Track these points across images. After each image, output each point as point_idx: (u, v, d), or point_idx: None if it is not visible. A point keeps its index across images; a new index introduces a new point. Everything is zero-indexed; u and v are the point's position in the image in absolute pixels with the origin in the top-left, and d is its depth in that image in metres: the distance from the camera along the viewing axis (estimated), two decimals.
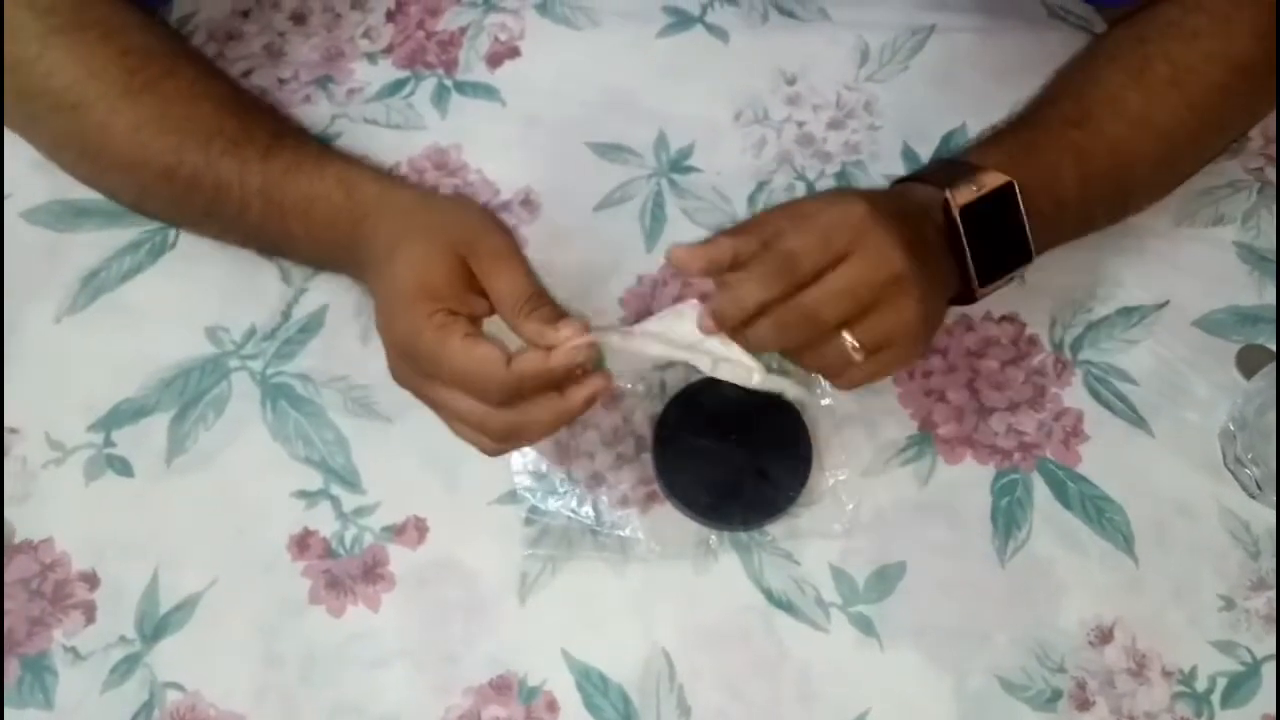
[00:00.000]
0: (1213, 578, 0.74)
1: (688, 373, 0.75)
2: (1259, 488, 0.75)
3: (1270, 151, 0.85)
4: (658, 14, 0.89)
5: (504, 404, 0.64)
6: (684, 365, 0.67)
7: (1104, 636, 0.72)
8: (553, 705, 0.71)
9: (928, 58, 0.88)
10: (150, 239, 0.81)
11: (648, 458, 0.76)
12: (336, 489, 0.75)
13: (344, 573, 0.73)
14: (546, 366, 0.63)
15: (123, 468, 0.76)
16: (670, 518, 0.75)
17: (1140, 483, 0.76)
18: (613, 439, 0.77)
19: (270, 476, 0.76)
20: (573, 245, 0.80)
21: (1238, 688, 0.72)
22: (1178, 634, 0.73)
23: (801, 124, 0.86)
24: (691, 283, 0.79)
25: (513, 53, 0.88)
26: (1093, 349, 0.79)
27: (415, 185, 0.82)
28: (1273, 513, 0.75)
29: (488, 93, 0.87)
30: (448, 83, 0.87)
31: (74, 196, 0.81)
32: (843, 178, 0.84)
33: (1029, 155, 0.73)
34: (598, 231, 0.82)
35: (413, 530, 0.74)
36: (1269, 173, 0.84)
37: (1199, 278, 0.81)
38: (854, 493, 0.75)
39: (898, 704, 0.71)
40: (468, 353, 0.63)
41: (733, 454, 0.74)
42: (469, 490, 0.75)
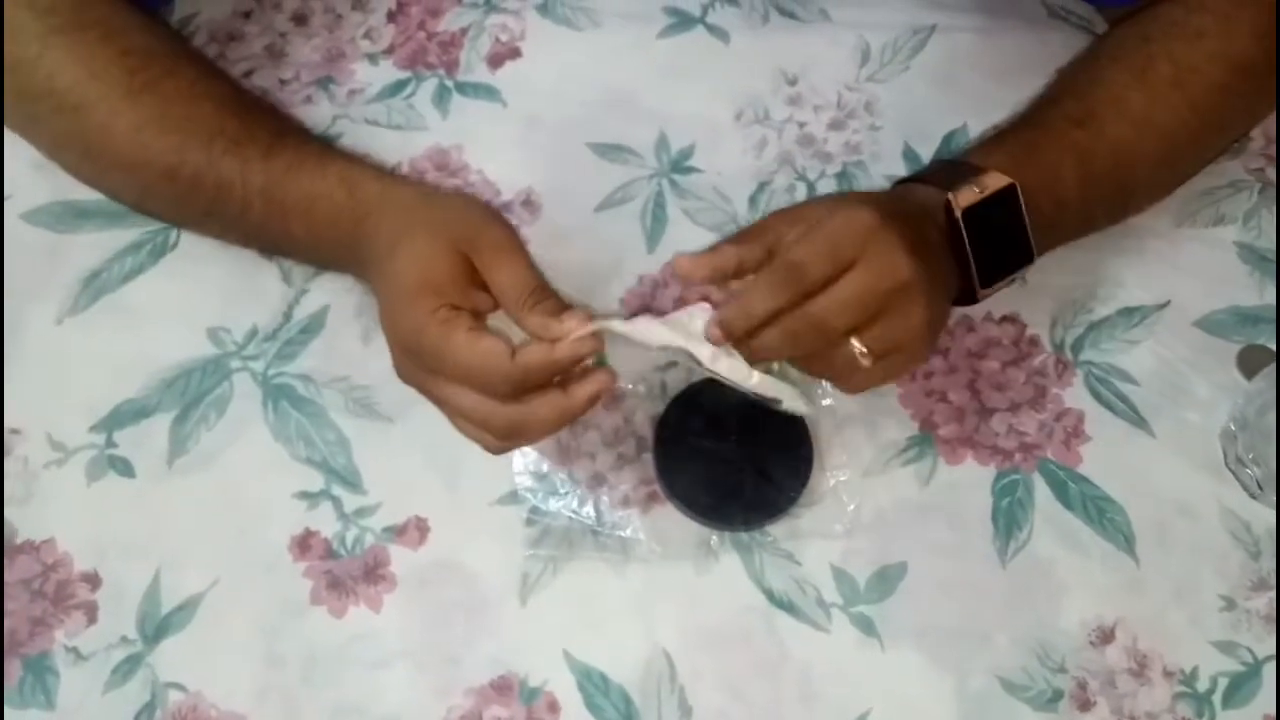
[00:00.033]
0: (1214, 578, 0.74)
1: (689, 374, 0.76)
2: (1260, 488, 0.75)
3: (1271, 152, 0.85)
4: (658, 14, 0.89)
5: (509, 397, 0.64)
6: (685, 366, 0.67)
7: (1105, 637, 0.72)
8: (554, 706, 0.71)
9: (929, 58, 0.88)
10: (151, 240, 0.81)
11: (649, 458, 0.76)
12: (338, 489, 0.75)
13: (345, 573, 0.73)
14: (552, 358, 0.63)
15: (124, 468, 0.76)
16: (671, 518, 0.75)
17: (1141, 483, 0.76)
18: (614, 439, 0.77)
19: (272, 477, 0.76)
20: (574, 246, 0.80)
21: (1239, 688, 0.72)
22: (1179, 634, 0.73)
23: (802, 124, 0.86)
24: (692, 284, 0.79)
25: (514, 53, 0.88)
26: (1094, 349, 0.79)
27: (416, 182, 0.82)
28: (1273, 513, 0.75)
29: (489, 93, 0.87)
30: (449, 83, 0.87)
31: (75, 197, 0.81)
32: (844, 178, 0.84)
33: (1030, 155, 0.73)
34: (599, 232, 0.82)
35: (414, 531, 0.74)
36: (1270, 173, 0.84)
37: (1200, 278, 0.81)
38: (855, 493, 0.75)
39: (899, 704, 0.71)
40: (472, 346, 0.63)
41: (734, 454, 0.74)
42: (470, 491, 0.75)
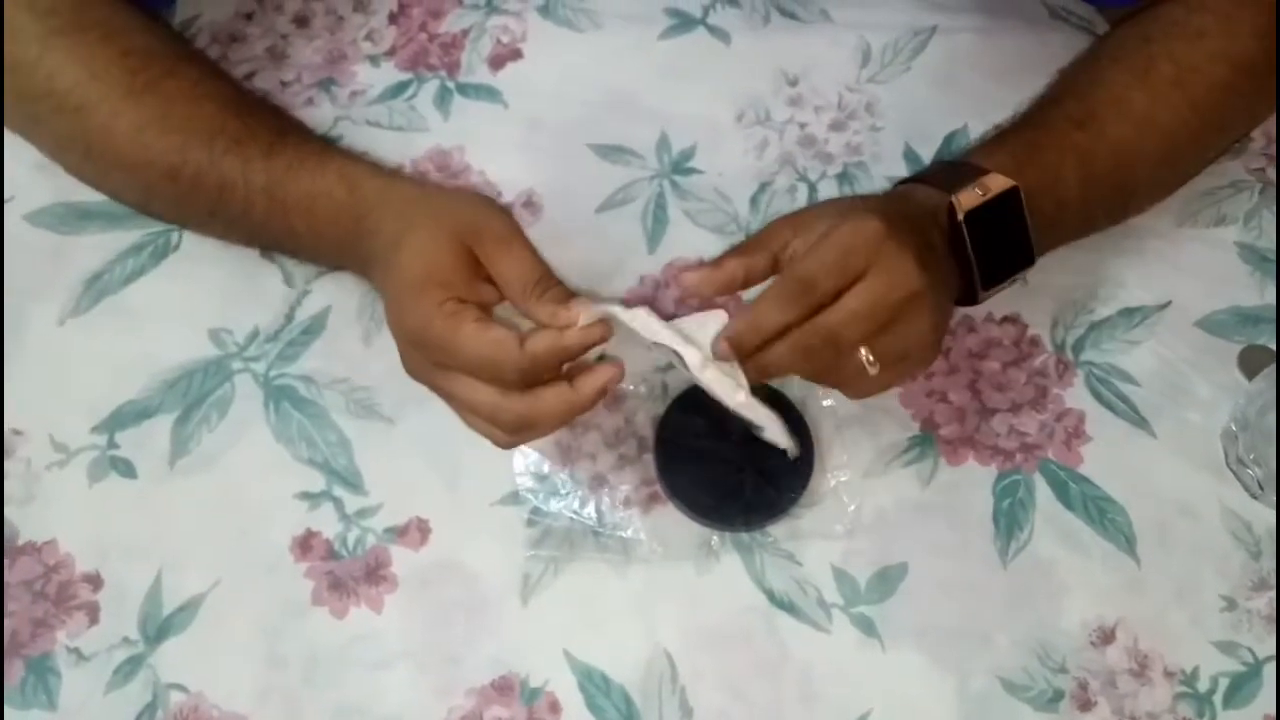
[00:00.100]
0: (1215, 578, 0.74)
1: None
2: (1261, 488, 0.74)
3: (1272, 152, 0.85)
4: (659, 16, 0.89)
5: (519, 386, 0.64)
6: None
7: (1106, 637, 0.72)
8: (555, 706, 0.71)
9: (929, 59, 0.88)
10: (153, 241, 0.81)
11: (650, 459, 0.76)
12: (339, 490, 0.75)
13: (346, 574, 0.74)
14: (561, 345, 0.63)
15: (126, 469, 0.76)
16: (672, 519, 0.75)
17: (1142, 483, 0.76)
18: (615, 440, 0.77)
19: (273, 478, 0.76)
20: (575, 247, 0.80)
21: (1239, 688, 0.72)
22: (1179, 634, 0.73)
23: (803, 125, 0.86)
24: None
25: (515, 55, 0.88)
26: (1094, 350, 0.79)
27: (416, 179, 0.82)
28: (1274, 513, 0.75)
29: (490, 95, 0.87)
30: (450, 85, 0.87)
31: (77, 199, 0.81)
32: (845, 179, 0.84)
33: (1032, 156, 0.73)
34: (600, 233, 0.82)
35: (415, 531, 0.75)
36: (1270, 173, 0.84)
37: (1201, 278, 0.81)
38: (855, 493, 0.75)
39: (900, 705, 0.71)
40: (480, 337, 0.63)
41: (734, 455, 0.74)
42: (471, 491, 0.75)
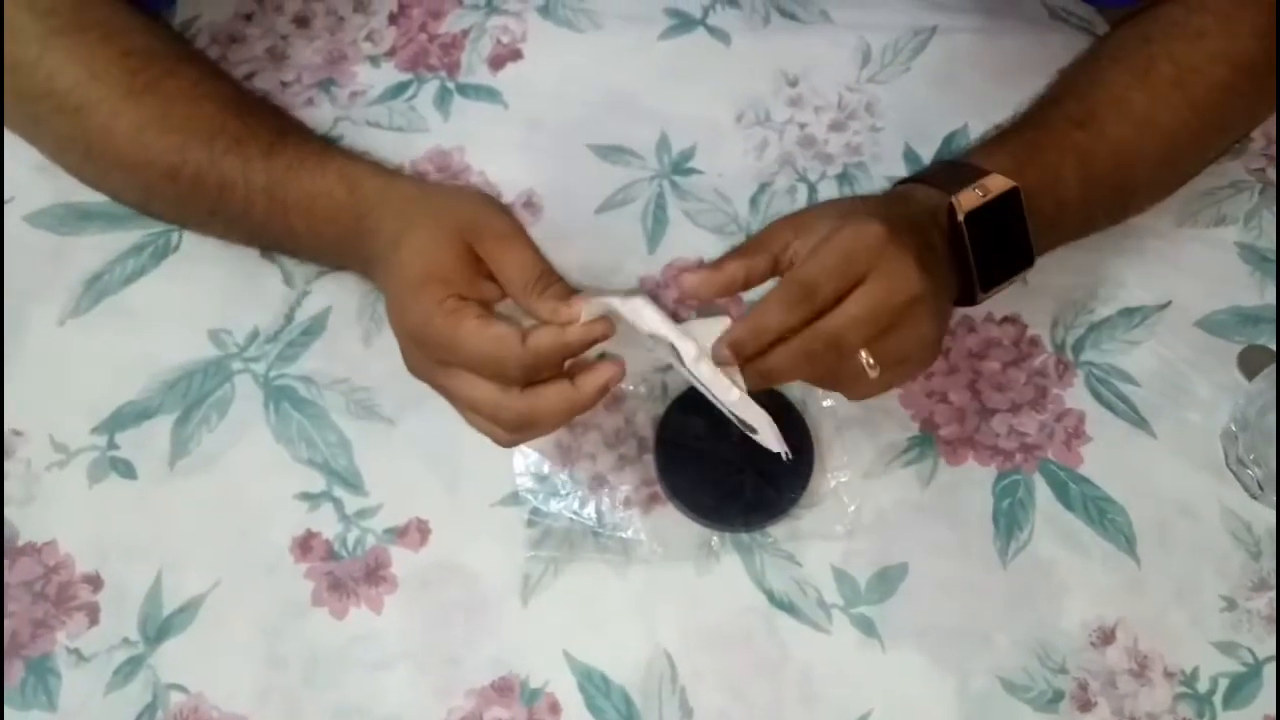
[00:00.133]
0: (1214, 578, 0.74)
1: None
2: (1261, 488, 0.74)
3: (1272, 152, 0.85)
4: (659, 16, 0.89)
5: (521, 383, 0.64)
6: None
7: (1106, 637, 0.72)
8: (555, 707, 0.71)
9: (929, 59, 0.88)
10: (153, 242, 0.81)
11: (650, 459, 0.76)
12: (339, 491, 0.75)
13: (346, 575, 0.74)
14: (563, 341, 0.63)
15: (126, 470, 0.76)
16: (672, 519, 0.75)
17: (1142, 483, 0.76)
18: (615, 440, 0.77)
19: (273, 478, 0.76)
20: (574, 247, 0.80)
21: (1239, 688, 0.72)
22: (1179, 635, 0.73)
23: (803, 125, 0.86)
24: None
25: (515, 55, 0.88)
26: (1094, 350, 0.79)
27: (416, 178, 0.82)
28: (1274, 513, 0.75)
29: (490, 95, 0.87)
30: (450, 85, 0.87)
31: (77, 200, 0.81)
32: (845, 179, 0.84)
33: (1032, 156, 0.73)
34: (600, 233, 0.82)
35: (415, 532, 0.75)
36: (1270, 173, 0.84)
37: (1201, 278, 0.81)
38: (855, 494, 0.75)
39: (900, 705, 0.71)
40: (482, 333, 0.63)
41: (734, 455, 0.74)
42: (471, 492, 0.75)
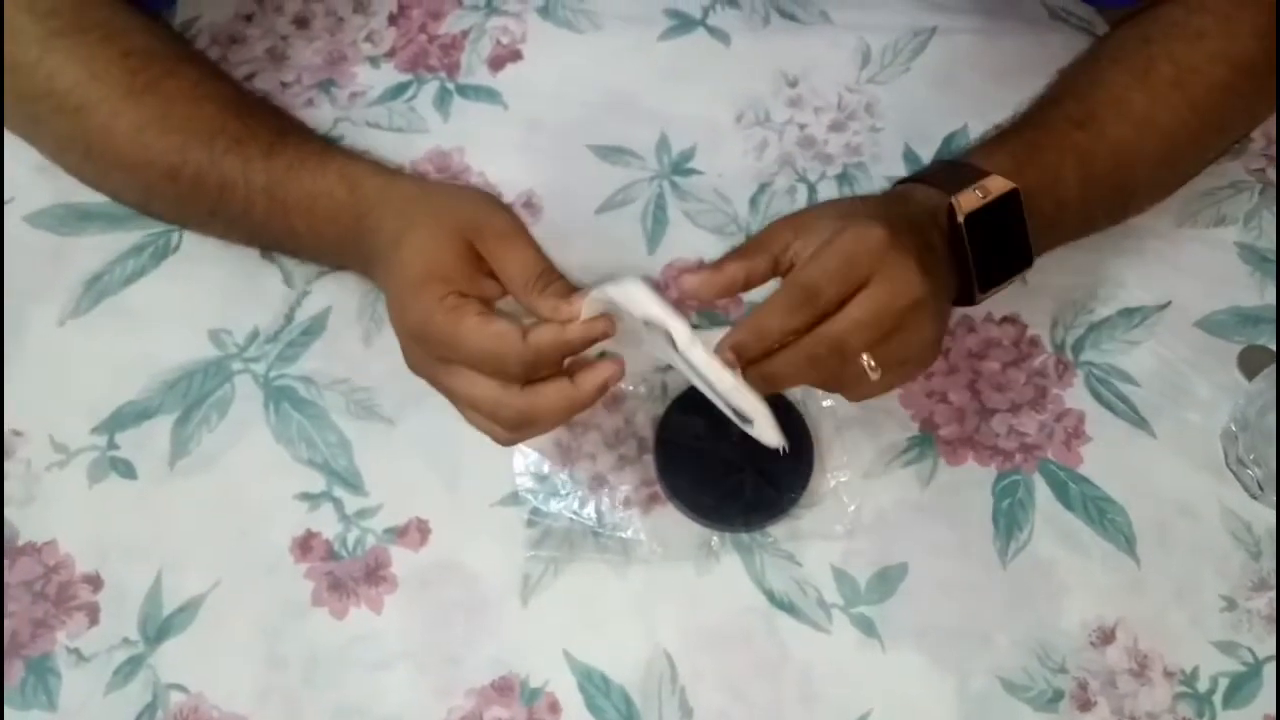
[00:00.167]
0: (1214, 578, 0.74)
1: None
2: (1260, 488, 0.74)
3: (1272, 152, 0.85)
4: (659, 17, 0.89)
5: (521, 380, 0.64)
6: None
7: (1105, 637, 0.72)
8: (554, 707, 0.71)
9: (929, 59, 0.88)
10: (153, 242, 0.81)
11: (649, 459, 0.76)
12: (339, 491, 0.75)
13: (346, 575, 0.74)
14: (564, 338, 0.63)
15: (126, 470, 0.76)
16: (672, 519, 0.75)
17: (1142, 483, 0.76)
18: (615, 440, 0.77)
19: (273, 479, 0.76)
20: (574, 248, 0.80)
21: (1239, 688, 0.71)
22: (1179, 634, 0.73)
23: (803, 126, 0.86)
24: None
25: (515, 56, 0.88)
26: (1094, 350, 0.79)
27: (417, 177, 0.82)
28: (1274, 513, 0.75)
29: (490, 96, 0.87)
30: (450, 86, 0.87)
31: (77, 200, 0.81)
32: (844, 180, 0.84)
33: (1032, 156, 0.73)
34: (599, 234, 0.82)
35: (415, 532, 0.75)
36: (1270, 174, 0.84)
37: (1200, 278, 0.81)
38: (855, 494, 0.75)
39: (900, 705, 0.71)
40: (482, 329, 0.63)
41: (734, 455, 0.74)
42: (471, 492, 0.75)
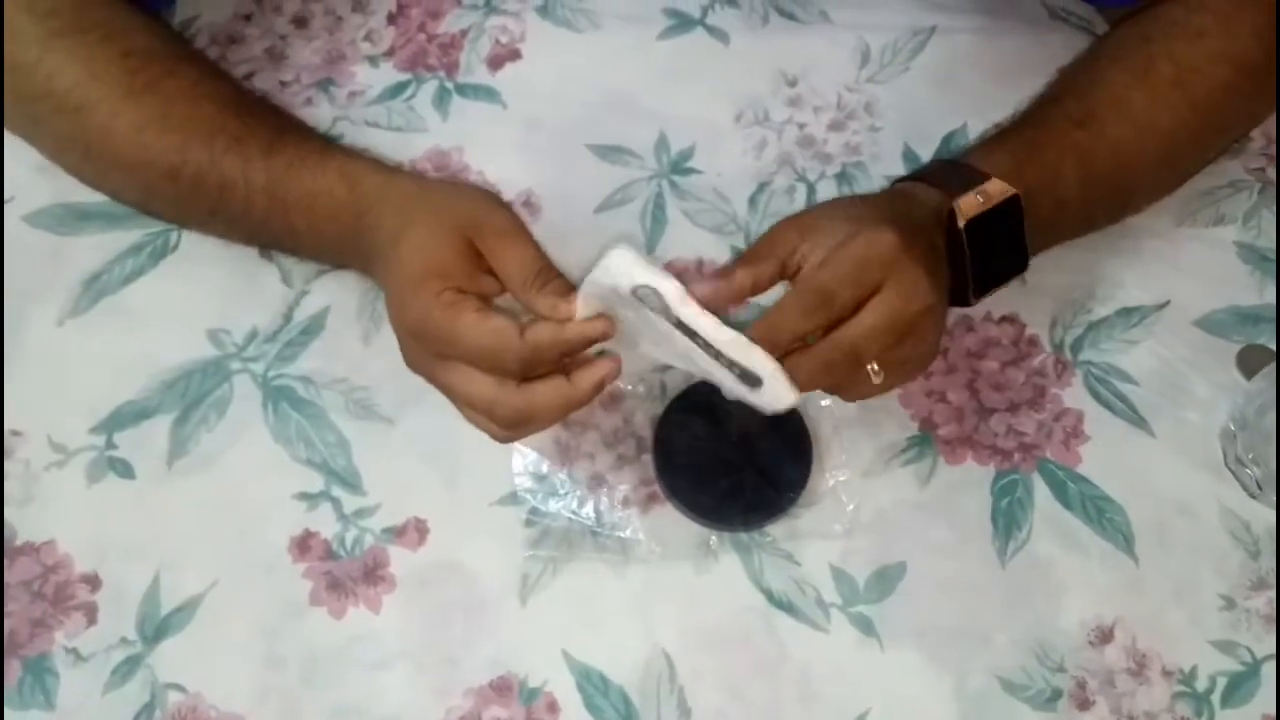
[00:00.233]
0: (1213, 577, 0.74)
1: (688, 375, 0.75)
2: (1259, 488, 0.74)
3: (1271, 152, 0.85)
4: (658, 16, 0.89)
5: (518, 376, 0.64)
6: (685, 369, 0.67)
7: (1104, 636, 0.72)
8: (553, 706, 0.71)
9: (929, 59, 0.88)
10: (152, 242, 0.81)
11: (648, 459, 0.76)
12: (337, 491, 0.75)
13: (345, 574, 0.73)
14: (562, 336, 0.63)
15: (124, 470, 0.76)
16: (671, 519, 0.75)
17: (1141, 483, 0.76)
18: (613, 440, 0.77)
19: (271, 478, 0.76)
20: (573, 247, 0.79)
21: (1238, 687, 0.71)
22: (1178, 634, 0.73)
23: (802, 125, 0.86)
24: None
25: (514, 55, 0.88)
26: (1093, 349, 0.79)
27: (416, 174, 0.82)
28: (1273, 513, 0.75)
29: (489, 95, 0.87)
30: (449, 85, 0.87)
31: (76, 200, 0.81)
32: (843, 179, 0.84)
33: (1032, 155, 0.73)
34: (599, 233, 0.82)
35: (413, 532, 0.75)
36: (1270, 173, 0.84)
37: (1200, 278, 0.81)
38: (854, 493, 0.75)
39: (898, 704, 0.71)
40: (480, 326, 0.63)
41: (733, 455, 0.74)
42: (470, 492, 0.75)
